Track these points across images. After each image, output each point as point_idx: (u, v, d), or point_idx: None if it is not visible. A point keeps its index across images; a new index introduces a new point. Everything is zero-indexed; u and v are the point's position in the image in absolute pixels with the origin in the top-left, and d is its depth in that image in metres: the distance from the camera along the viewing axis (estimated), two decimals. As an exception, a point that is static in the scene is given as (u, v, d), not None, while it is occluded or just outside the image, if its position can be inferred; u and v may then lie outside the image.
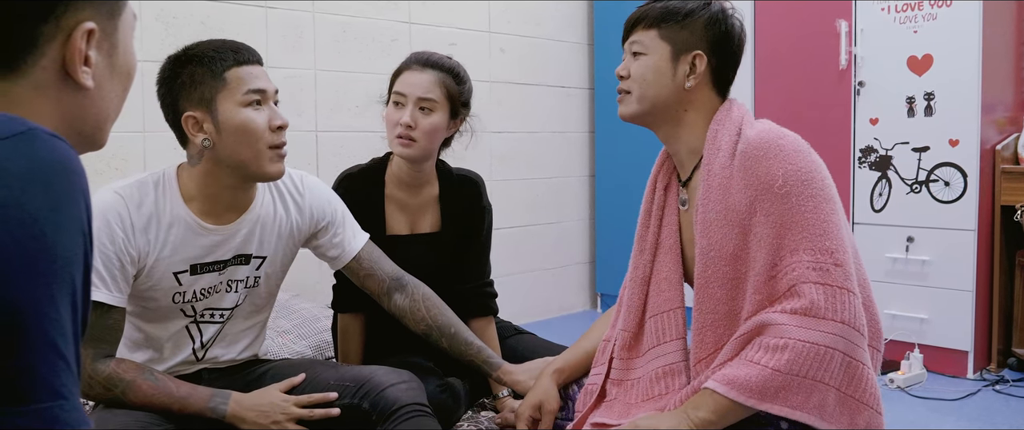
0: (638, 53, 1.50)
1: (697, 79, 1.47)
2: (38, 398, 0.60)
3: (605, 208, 4.33)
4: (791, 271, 1.33)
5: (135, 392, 1.48)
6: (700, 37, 1.47)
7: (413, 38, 3.56)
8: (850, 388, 1.32)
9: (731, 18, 1.50)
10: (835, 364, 1.29)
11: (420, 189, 2.03)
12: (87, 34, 0.74)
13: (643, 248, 1.60)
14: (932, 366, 3.17)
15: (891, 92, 3.23)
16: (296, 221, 1.71)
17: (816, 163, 1.39)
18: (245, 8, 3.03)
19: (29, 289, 0.60)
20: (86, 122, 0.79)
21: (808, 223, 1.33)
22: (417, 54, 1.98)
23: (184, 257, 1.57)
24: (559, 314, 4.30)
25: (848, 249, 1.36)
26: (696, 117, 1.49)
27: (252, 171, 1.55)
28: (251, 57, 1.55)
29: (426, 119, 1.90)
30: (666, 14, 1.48)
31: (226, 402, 1.54)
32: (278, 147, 1.55)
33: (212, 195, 1.57)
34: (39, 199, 0.62)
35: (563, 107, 4.23)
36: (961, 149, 3.07)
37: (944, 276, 3.14)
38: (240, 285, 1.67)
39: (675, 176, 1.59)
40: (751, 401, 1.28)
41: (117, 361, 1.51)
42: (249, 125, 1.51)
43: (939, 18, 3.09)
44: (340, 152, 3.28)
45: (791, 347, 1.28)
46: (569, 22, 4.25)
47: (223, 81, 1.50)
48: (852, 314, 1.31)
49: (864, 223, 3.32)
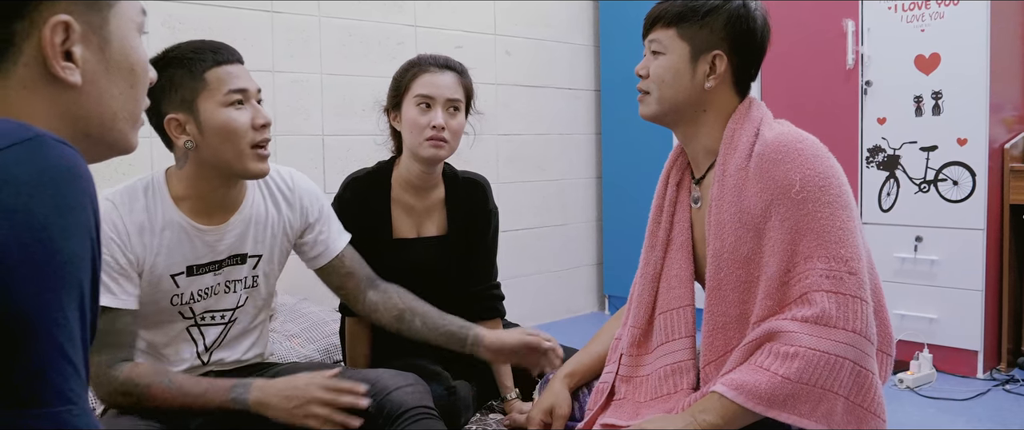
0: (657, 52, 1.46)
1: (717, 80, 1.44)
2: (47, 402, 0.61)
3: (612, 210, 4.33)
4: (804, 278, 1.32)
5: (151, 397, 1.48)
6: (720, 36, 1.43)
7: (419, 41, 3.56)
8: (858, 397, 1.31)
9: (753, 13, 1.46)
10: (845, 373, 1.28)
11: (428, 192, 2.03)
12: (64, 28, 0.73)
13: (654, 244, 1.59)
14: (941, 366, 3.15)
15: (899, 91, 3.22)
16: (288, 218, 1.70)
17: (834, 168, 1.37)
18: (251, 13, 3.04)
19: (37, 294, 0.60)
20: (89, 122, 0.78)
21: (824, 230, 1.32)
22: (430, 57, 1.99)
23: (180, 259, 1.57)
24: (567, 316, 4.30)
25: (862, 257, 1.34)
26: (715, 117, 1.46)
27: (236, 170, 1.54)
28: (231, 56, 1.54)
29: (454, 120, 1.93)
30: (685, 12, 1.44)
31: (247, 391, 1.51)
32: (261, 145, 1.54)
33: (201, 195, 1.57)
34: (47, 205, 0.62)
35: (569, 109, 4.23)
36: (970, 148, 3.06)
37: (953, 276, 3.13)
38: (239, 285, 1.67)
39: (688, 172, 1.57)
40: (759, 408, 1.28)
41: (132, 366, 1.49)
42: (231, 125, 1.51)
43: (946, 17, 3.07)
44: (346, 156, 3.28)
45: (801, 355, 1.27)
46: (575, 24, 4.25)
47: (203, 82, 1.50)
48: (863, 323, 1.30)
49: (872, 223, 3.31)
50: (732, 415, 1.30)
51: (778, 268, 1.34)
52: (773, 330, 1.32)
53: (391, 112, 2.01)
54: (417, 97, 1.92)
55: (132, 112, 0.82)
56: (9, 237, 0.59)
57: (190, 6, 2.88)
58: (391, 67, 2.07)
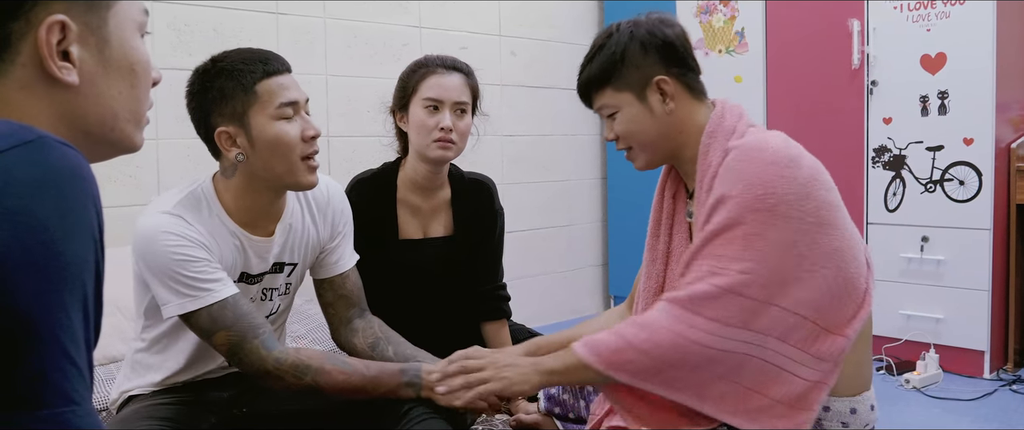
0: (610, 114, 1.49)
1: (673, 100, 1.44)
2: (50, 403, 0.61)
3: (617, 210, 4.32)
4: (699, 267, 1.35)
5: (327, 377, 1.47)
6: (648, 64, 1.44)
7: (424, 42, 3.56)
8: (745, 380, 1.34)
9: (658, 26, 1.46)
10: (693, 357, 1.30)
11: (434, 193, 2.03)
12: (60, 28, 0.73)
13: (654, 258, 1.58)
14: (948, 366, 3.14)
15: (904, 91, 3.21)
16: (321, 231, 1.70)
17: (784, 177, 1.31)
18: (256, 15, 3.04)
19: (39, 295, 0.60)
20: (88, 121, 0.77)
21: (738, 238, 1.32)
22: (437, 57, 1.99)
23: (235, 270, 1.56)
24: (572, 317, 4.29)
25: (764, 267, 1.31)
26: (692, 132, 1.46)
27: (287, 182, 1.54)
28: (280, 66, 1.52)
29: (461, 121, 1.93)
30: (606, 66, 1.45)
31: (419, 376, 1.51)
32: (310, 157, 1.53)
33: (249, 207, 1.56)
34: (49, 206, 0.62)
35: (574, 110, 4.21)
36: (976, 148, 3.05)
37: (960, 276, 3.12)
38: (275, 293, 1.67)
39: (682, 185, 1.57)
40: (598, 365, 1.33)
41: (295, 349, 1.49)
42: (283, 139, 1.49)
43: (952, 16, 3.06)
44: (352, 157, 3.29)
45: (654, 328, 1.31)
46: (579, 24, 4.25)
47: (255, 95, 1.47)
48: (741, 317, 1.31)
49: (878, 223, 3.30)
50: (573, 366, 1.36)
51: None
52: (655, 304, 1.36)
53: (397, 113, 2.01)
54: (425, 99, 1.92)
55: (134, 111, 0.82)
56: (11, 239, 0.59)
57: (196, 8, 2.88)
58: (396, 68, 2.07)
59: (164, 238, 1.44)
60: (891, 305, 3.23)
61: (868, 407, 1.46)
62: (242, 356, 1.46)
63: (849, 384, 1.44)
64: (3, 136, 0.63)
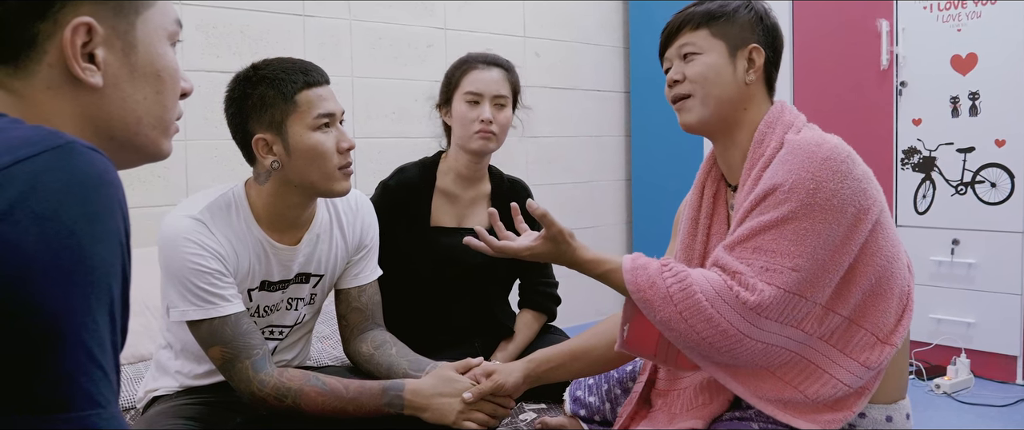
0: (691, 54, 1.44)
1: (756, 74, 1.43)
2: (76, 406, 0.61)
3: (642, 212, 4.30)
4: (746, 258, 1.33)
5: (305, 399, 1.49)
6: (751, 31, 1.44)
7: (448, 44, 3.57)
8: (784, 373, 1.34)
9: (772, 14, 1.49)
10: (714, 331, 1.29)
11: (475, 184, 2.10)
12: (86, 30, 0.74)
13: (690, 258, 1.55)
14: (979, 371, 3.10)
15: (934, 92, 3.17)
16: (348, 243, 1.72)
17: (838, 174, 1.29)
18: (283, 16, 3.06)
19: (65, 299, 0.61)
20: (112, 125, 0.78)
21: (788, 232, 1.30)
22: (478, 54, 2.09)
23: (257, 275, 1.58)
24: (596, 317, 4.26)
25: (813, 264, 1.29)
26: (753, 117, 1.44)
27: (321, 190, 1.56)
28: (320, 78, 1.54)
29: (501, 114, 2.04)
30: (714, 12, 1.44)
31: (401, 396, 1.51)
32: (345, 167, 1.55)
33: (279, 214, 1.58)
34: (76, 211, 0.62)
35: (599, 111, 4.21)
36: (1008, 149, 3.00)
37: (991, 279, 3.07)
38: (300, 303, 1.68)
39: (722, 183, 1.54)
40: (631, 286, 1.35)
41: (279, 371, 1.51)
42: (319, 149, 1.51)
43: (983, 16, 3.02)
44: (378, 158, 3.30)
45: (692, 290, 1.31)
46: (604, 25, 4.23)
47: (294, 104, 1.49)
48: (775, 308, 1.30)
49: (908, 226, 3.26)
50: (614, 273, 1.40)
51: None
52: (718, 266, 1.35)
53: (442, 108, 2.10)
54: (466, 93, 2.02)
55: (160, 118, 0.82)
56: (38, 243, 0.60)
57: (223, 11, 2.91)
58: (421, 70, 2.10)
59: (184, 244, 1.46)
60: (921, 309, 3.18)
61: (904, 416, 1.44)
62: (232, 373, 1.49)
63: (886, 392, 1.42)
64: (32, 141, 0.64)
